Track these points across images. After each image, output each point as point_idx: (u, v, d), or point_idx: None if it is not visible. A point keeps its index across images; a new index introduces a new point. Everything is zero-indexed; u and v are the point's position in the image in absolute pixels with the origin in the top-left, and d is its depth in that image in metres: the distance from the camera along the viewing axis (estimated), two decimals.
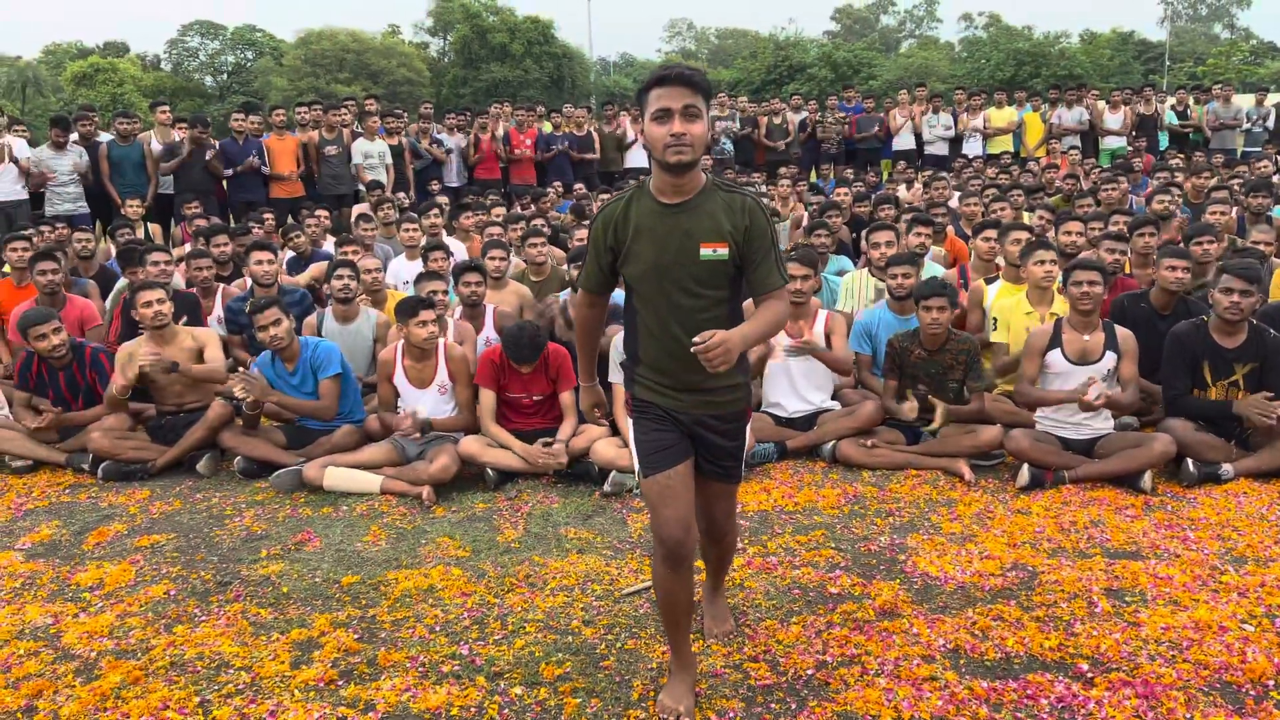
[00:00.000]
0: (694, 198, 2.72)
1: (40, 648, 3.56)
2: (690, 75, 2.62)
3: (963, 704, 2.97)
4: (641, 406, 2.93)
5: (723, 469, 3.01)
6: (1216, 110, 14.17)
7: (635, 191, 2.82)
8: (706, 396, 2.86)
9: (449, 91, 53.21)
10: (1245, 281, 4.60)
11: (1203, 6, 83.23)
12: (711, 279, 2.75)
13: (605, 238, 2.83)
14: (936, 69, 52.81)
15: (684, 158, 2.61)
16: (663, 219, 2.73)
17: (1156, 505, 4.46)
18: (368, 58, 56.80)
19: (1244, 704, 2.93)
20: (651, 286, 2.78)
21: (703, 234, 2.71)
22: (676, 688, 3.00)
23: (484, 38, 54.47)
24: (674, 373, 2.83)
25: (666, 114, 2.60)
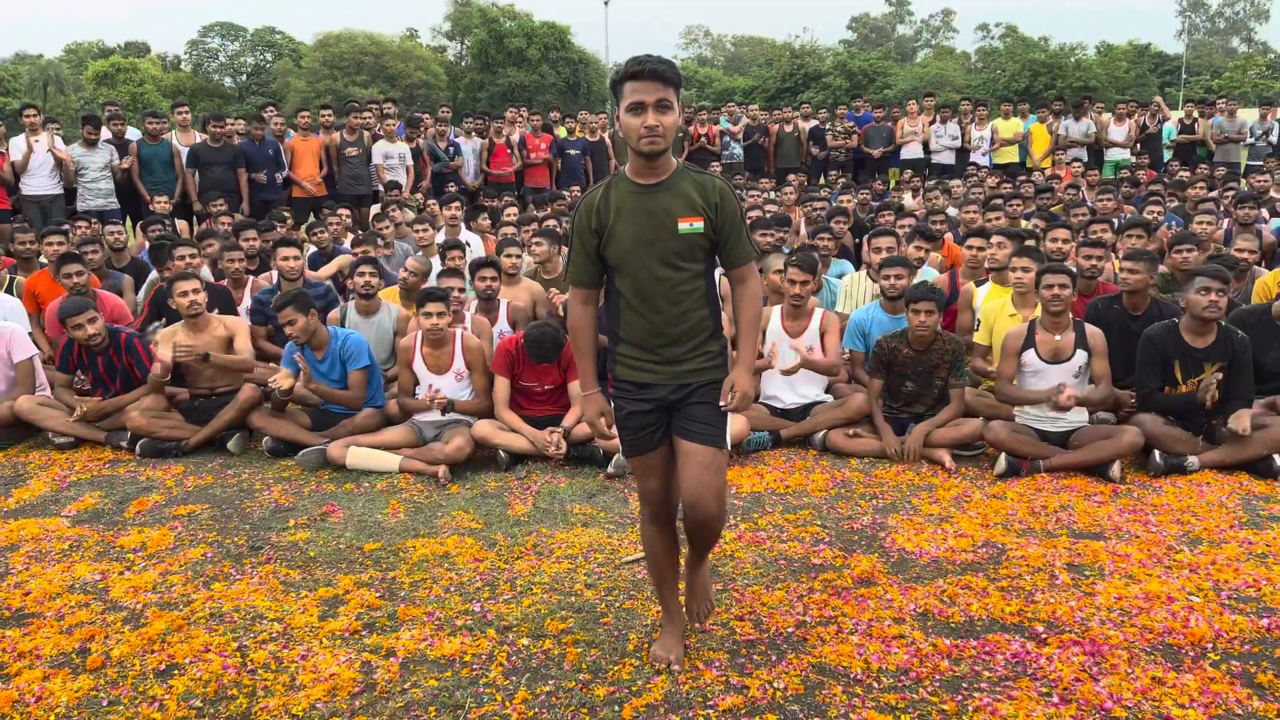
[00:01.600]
0: (669, 178, 2.92)
1: (90, 600, 3.91)
2: (662, 70, 2.79)
3: (926, 658, 3.29)
4: (622, 388, 3.10)
5: (704, 432, 3.04)
6: (1221, 124, 14.41)
7: (613, 179, 3.01)
8: (685, 366, 3.02)
9: (465, 95, 53.68)
10: (1222, 281, 4.89)
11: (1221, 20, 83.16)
12: (689, 252, 2.95)
13: (590, 222, 2.99)
14: (952, 79, 53.07)
15: (657, 147, 2.82)
16: (641, 198, 2.92)
17: (1124, 492, 4.76)
18: (385, 61, 57.38)
19: (1182, 662, 3.23)
20: (634, 262, 2.95)
21: (680, 210, 2.91)
22: (667, 639, 3.31)
23: (501, 42, 54.94)
24: (655, 347, 3.00)
25: (640, 107, 2.79)
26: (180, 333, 5.80)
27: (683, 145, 14.05)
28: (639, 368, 3.04)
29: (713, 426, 3.04)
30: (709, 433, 3.03)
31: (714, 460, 3.04)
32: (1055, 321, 5.08)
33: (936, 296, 5.25)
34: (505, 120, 13.35)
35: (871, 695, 3.10)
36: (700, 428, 3.03)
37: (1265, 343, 5.32)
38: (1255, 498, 4.68)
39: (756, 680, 3.19)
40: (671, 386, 3.03)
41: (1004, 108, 14.78)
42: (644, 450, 3.12)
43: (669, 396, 3.04)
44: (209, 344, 5.80)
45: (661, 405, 3.06)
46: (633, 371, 3.06)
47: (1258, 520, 4.41)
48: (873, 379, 5.46)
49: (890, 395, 5.48)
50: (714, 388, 3.04)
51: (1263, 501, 4.63)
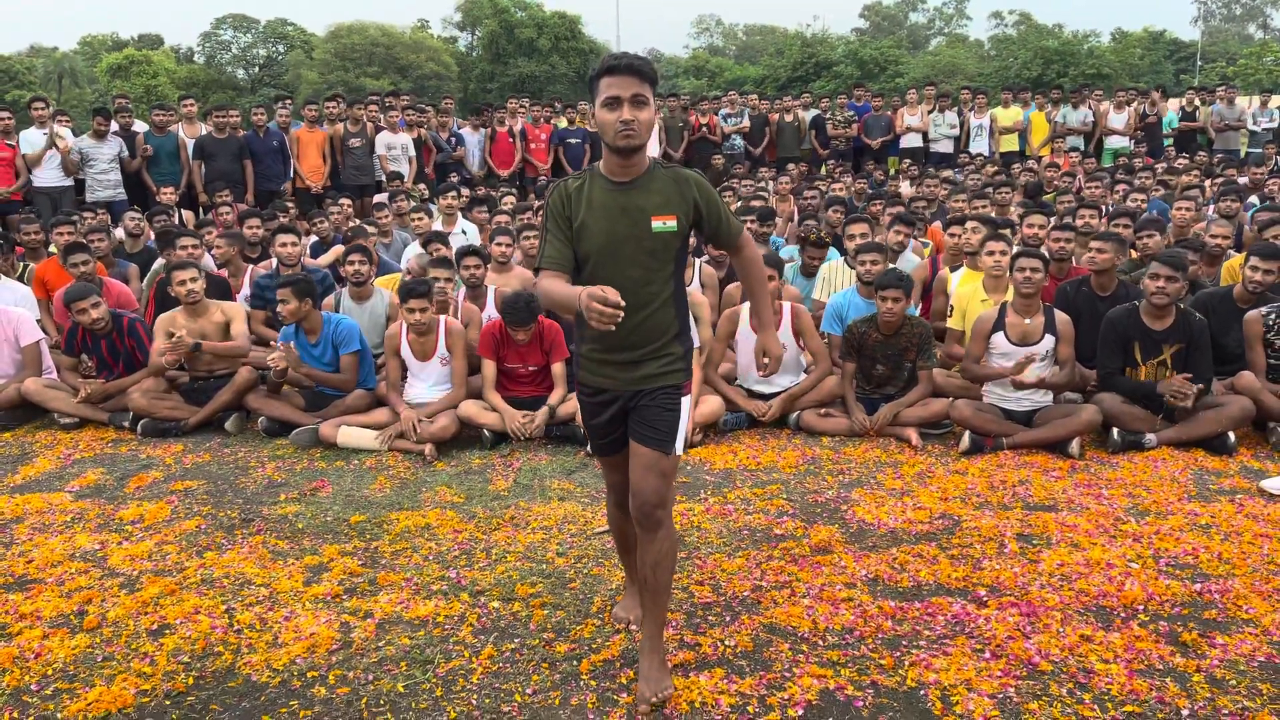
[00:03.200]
0: (642, 176, 2.89)
1: (89, 567, 4.14)
2: (638, 65, 2.77)
3: (871, 619, 3.48)
4: (584, 390, 3.10)
5: (654, 432, 2.96)
6: (1220, 111, 14.47)
7: (589, 174, 2.95)
8: (642, 371, 2.96)
9: (476, 86, 53.86)
10: (1172, 269, 5.05)
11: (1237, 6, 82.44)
12: (662, 251, 2.91)
13: (563, 208, 2.91)
14: (964, 67, 52.90)
15: (632, 142, 2.78)
16: (615, 196, 2.87)
17: (1081, 468, 4.94)
18: (397, 52, 57.59)
19: (1112, 623, 3.41)
20: (605, 261, 2.88)
21: (653, 208, 2.87)
22: (628, 600, 3.51)
23: (511, 33, 55.05)
24: (618, 350, 2.94)
25: (616, 102, 2.75)
26: (179, 318, 6.02)
27: (683, 135, 14.19)
28: (598, 372, 3.01)
29: (662, 431, 2.96)
30: (658, 437, 2.96)
31: (658, 463, 2.95)
32: (1026, 304, 5.24)
33: (905, 284, 5.42)
34: (506, 110, 13.53)
35: (816, 652, 3.29)
36: (650, 431, 2.96)
37: (1226, 325, 5.47)
38: (1208, 473, 4.84)
39: (709, 639, 3.38)
40: (629, 393, 2.99)
41: (1004, 96, 14.87)
42: (610, 453, 3.17)
43: (627, 404, 3.01)
44: (205, 329, 6.02)
45: (620, 412, 3.03)
46: (593, 376, 3.03)
47: (1206, 494, 4.57)
48: (845, 362, 5.64)
49: (862, 377, 5.66)
50: (671, 391, 2.98)
51: (1214, 476, 4.79)
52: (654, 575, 3.01)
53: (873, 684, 3.10)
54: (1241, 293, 5.61)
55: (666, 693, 3.03)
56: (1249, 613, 3.45)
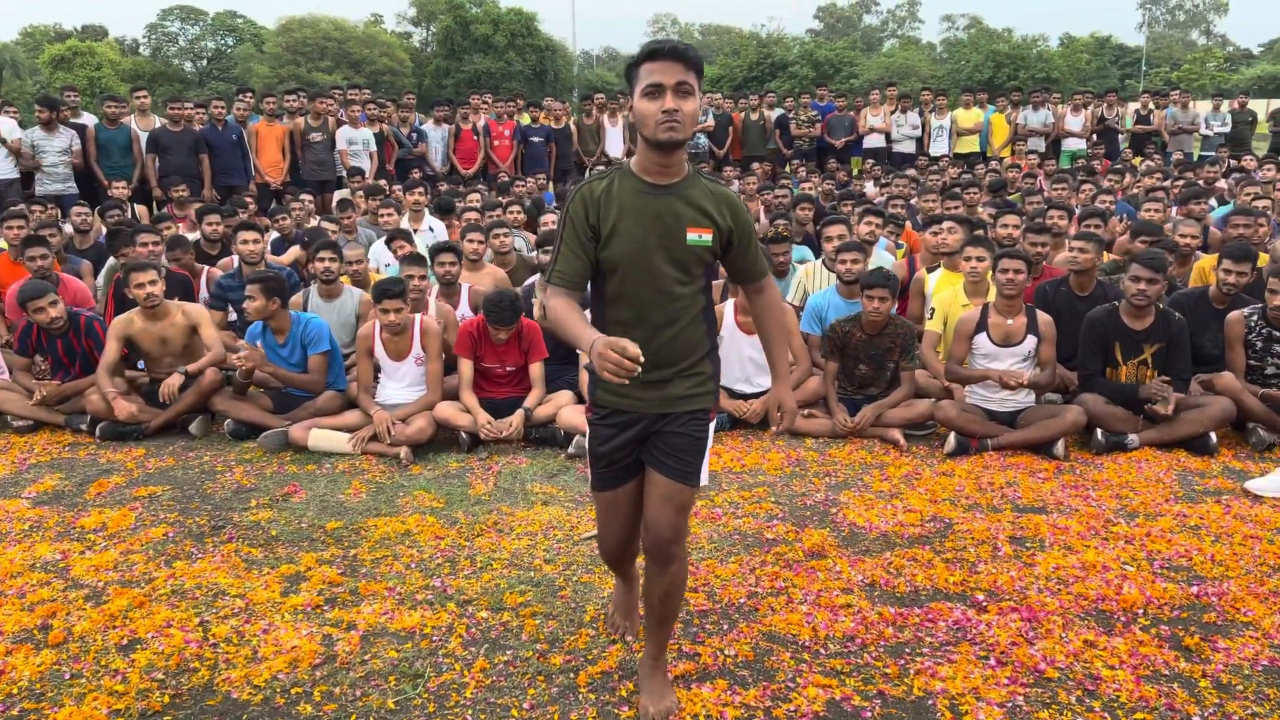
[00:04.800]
0: (680, 181, 2.65)
1: (51, 578, 3.94)
2: (684, 50, 2.52)
3: (872, 625, 3.41)
4: (599, 414, 2.81)
5: (678, 464, 2.75)
6: (1175, 115, 14.71)
7: (616, 173, 2.69)
8: (672, 391, 2.73)
9: (431, 82, 53.36)
10: (1152, 270, 5.06)
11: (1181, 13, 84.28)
12: (694, 265, 2.69)
13: (587, 216, 2.64)
14: (917, 69, 53.41)
15: (675, 135, 2.52)
16: (649, 199, 2.62)
17: (1066, 469, 4.93)
18: (350, 46, 56.86)
19: (1114, 627, 3.38)
20: (632, 269, 2.64)
21: (689, 218, 2.64)
22: (621, 606, 3.38)
23: (467, 29, 54.62)
24: (648, 366, 2.55)
25: (658, 90, 2.50)
26: (137, 319, 5.79)
27: None
28: (620, 392, 2.71)
29: (689, 460, 2.75)
30: (683, 467, 2.75)
31: (678, 495, 2.75)
32: (1009, 305, 5.22)
33: (891, 284, 5.38)
34: (470, 106, 13.35)
35: (818, 660, 3.21)
36: (674, 461, 2.74)
37: (1202, 325, 5.51)
38: (1191, 473, 4.86)
39: (708, 648, 3.30)
40: (653, 416, 2.75)
41: (964, 98, 14.98)
42: (613, 485, 2.86)
43: (649, 427, 2.76)
44: (166, 333, 5.78)
45: (639, 436, 2.78)
46: (614, 397, 2.75)
47: (1192, 494, 4.58)
48: (828, 361, 5.58)
49: (845, 377, 5.61)
50: (698, 416, 2.77)
51: (1198, 477, 4.81)
52: (663, 606, 2.88)
53: (879, 694, 3.03)
54: (1216, 294, 5.65)
55: (671, 707, 2.93)
56: (1248, 615, 3.44)
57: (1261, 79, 51.79)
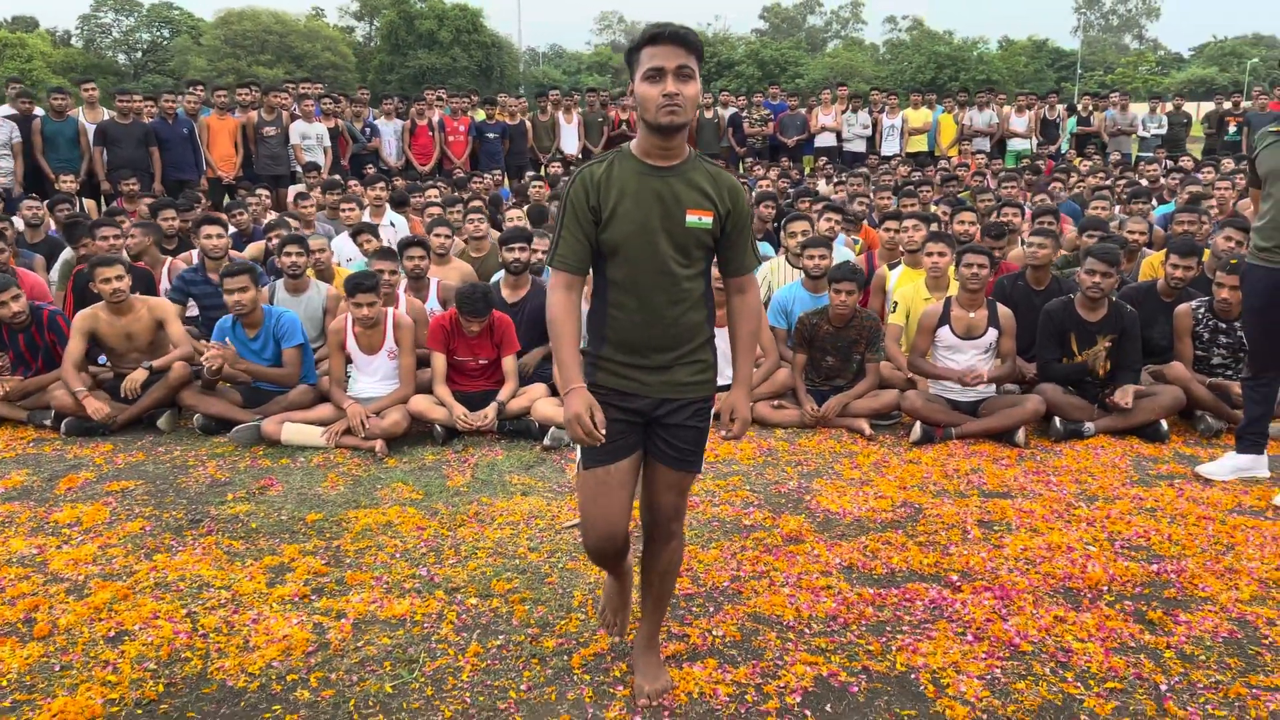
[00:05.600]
0: (681, 163, 2.66)
1: (29, 573, 3.90)
2: (685, 34, 2.54)
3: (853, 606, 3.53)
4: (596, 393, 2.72)
5: (681, 454, 2.81)
6: (1114, 117, 15.15)
7: (616, 155, 2.70)
8: (674, 376, 2.75)
9: (375, 77, 52.80)
10: (1106, 264, 5.27)
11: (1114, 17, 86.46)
12: (694, 247, 2.70)
13: (586, 197, 2.65)
14: (861, 70, 54.19)
15: (676, 118, 2.54)
16: (650, 180, 2.63)
17: (1028, 456, 5.11)
18: (291, 40, 56.09)
19: (1081, 603, 3.54)
20: (633, 251, 2.66)
21: (690, 200, 2.65)
22: (612, 602, 3.21)
23: (411, 24, 54.18)
24: (645, 350, 2.72)
25: (659, 73, 2.52)
26: (101, 314, 5.72)
27: (603, 130, 14.19)
28: (624, 375, 2.74)
29: (694, 450, 2.83)
30: (688, 458, 2.82)
31: (682, 482, 2.86)
32: (972, 299, 5.39)
33: (857, 277, 5.52)
34: (425, 102, 13.30)
35: (804, 640, 3.32)
36: (679, 454, 2.80)
37: (1151, 318, 5.73)
38: (1145, 459, 5.07)
39: (696, 629, 3.39)
40: (655, 400, 2.76)
41: (913, 98, 15.28)
42: (610, 460, 2.75)
43: (651, 411, 2.77)
44: (132, 328, 5.72)
45: (640, 417, 2.78)
46: (617, 379, 2.75)
47: (1147, 479, 4.79)
48: (796, 353, 5.71)
49: (812, 369, 5.74)
50: (703, 406, 2.82)
51: (1151, 462, 5.02)
52: (661, 582, 2.98)
53: (864, 669, 3.14)
54: (1164, 287, 5.88)
55: (665, 685, 3.02)
56: (1205, 591, 3.62)
57: (1192, 82, 53.47)
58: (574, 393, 2.63)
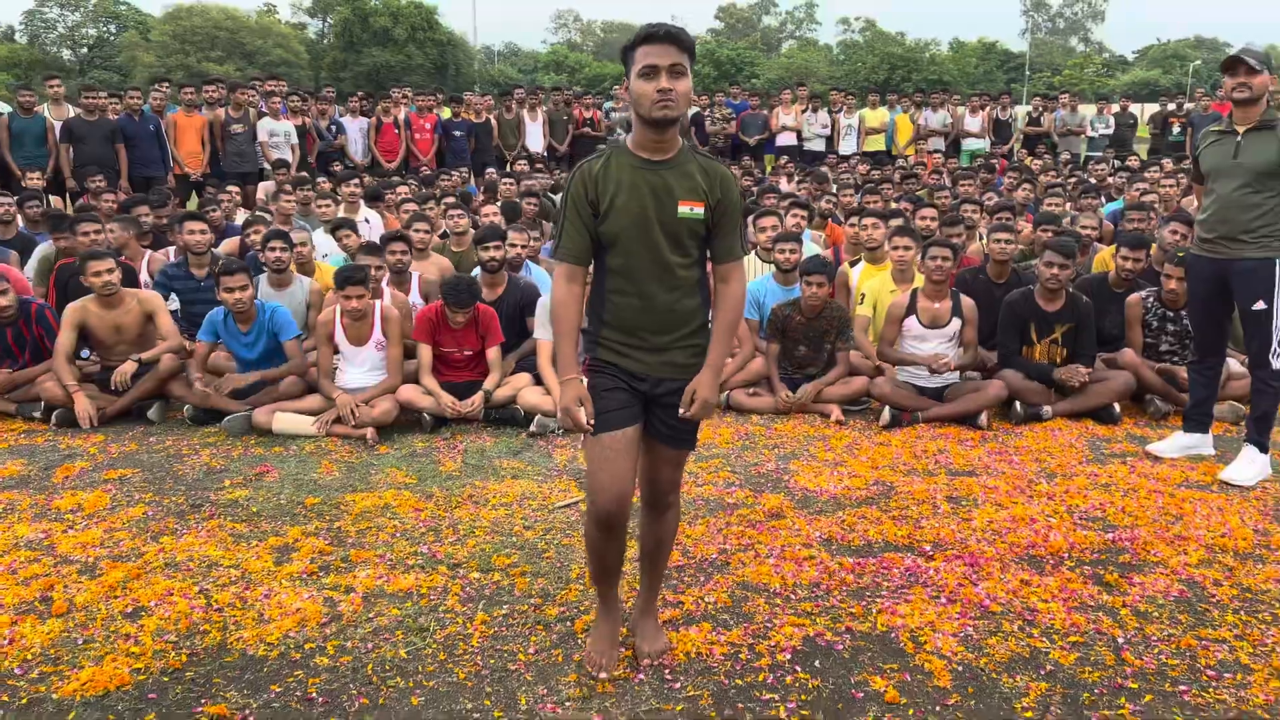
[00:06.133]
0: (674, 157, 2.80)
1: (39, 555, 4.02)
2: (677, 34, 2.68)
3: (834, 573, 3.77)
4: (599, 366, 2.92)
5: (677, 433, 2.98)
6: (1064, 118, 15.62)
7: (613, 151, 2.85)
8: (671, 358, 2.89)
9: (328, 75, 52.43)
10: (1063, 256, 5.58)
11: (1061, 20, 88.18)
12: (687, 237, 2.83)
13: (585, 192, 2.82)
14: (816, 70, 54.87)
15: (669, 113, 2.68)
16: (644, 174, 2.78)
17: (990, 438, 5.40)
18: (242, 36, 55.50)
19: (1044, 568, 3.82)
20: (630, 241, 2.81)
21: (682, 192, 2.79)
22: (600, 642, 3.15)
23: (365, 21, 53.88)
24: (643, 334, 2.87)
25: (654, 71, 2.66)
26: (91, 307, 5.81)
27: (567, 129, 14.37)
28: (624, 354, 2.90)
29: (690, 429, 3.01)
30: (684, 437, 3.02)
31: (680, 457, 3.07)
32: (936, 290, 5.68)
33: (828, 269, 5.79)
34: (391, 100, 13.39)
35: (790, 604, 3.56)
36: (677, 431, 2.98)
37: (1103, 309, 6.05)
38: (1099, 439, 5.39)
39: (689, 597, 3.61)
40: (654, 379, 2.90)
41: (870, 99, 15.64)
42: (615, 426, 2.87)
43: (650, 390, 2.92)
44: (122, 321, 5.83)
45: (641, 388, 2.92)
46: (618, 356, 2.91)
47: (1101, 457, 5.10)
48: (770, 343, 5.96)
49: (785, 358, 5.99)
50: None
51: (1105, 442, 5.34)
52: (658, 549, 3.19)
53: (848, 630, 3.38)
54: (1115, 279, 6.21)
55: (664, 647, 3.24)
56: (1157, 556, 3.91)
57: (1136, 84, 54.83)
58: (568, 384, 2.85)
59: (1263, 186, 4.51)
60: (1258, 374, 4.72)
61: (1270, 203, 4.51)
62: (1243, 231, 4.58)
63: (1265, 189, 4.51)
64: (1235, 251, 4.62)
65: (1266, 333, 4.60)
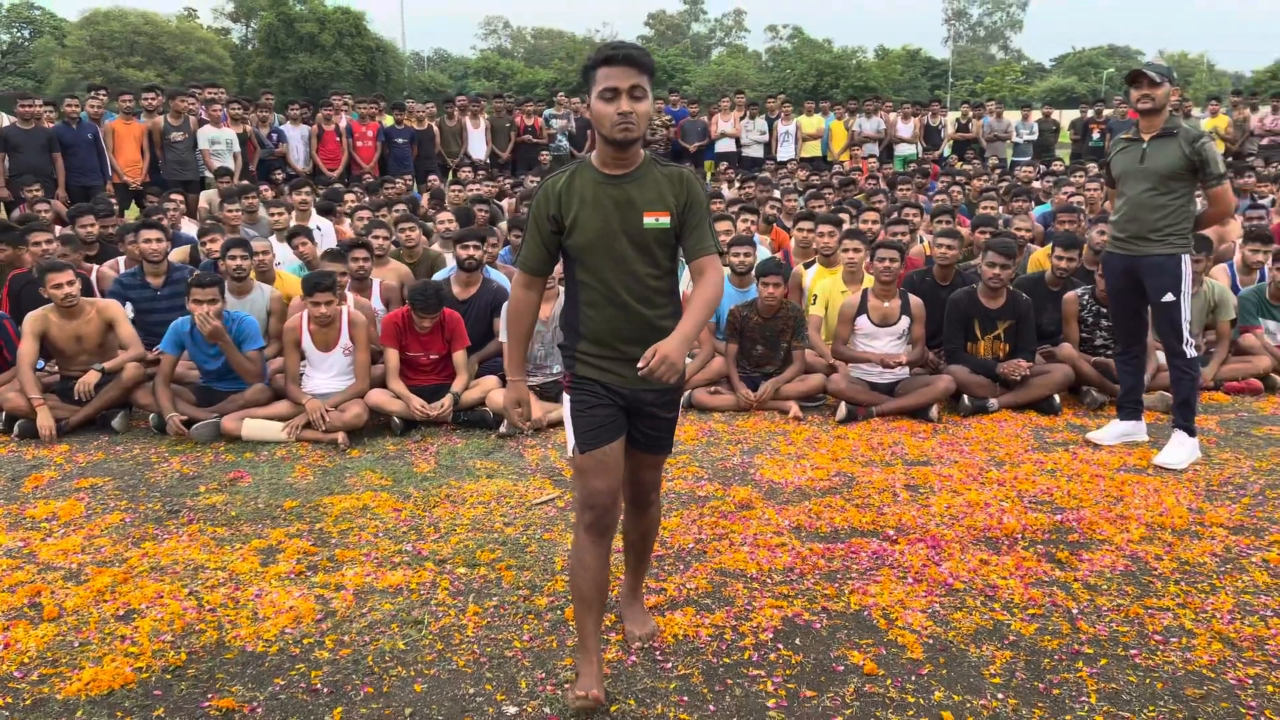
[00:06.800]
0: (635, 170, 2.84)
1: (21, 563, 4.04)
2: (637, 56, 2.71)
3: (806, 558, 3.98)
4: (579, 383, 2.95)
5: (656, 440, 3.07)
6: (991, 124, 16.18)
7: (578, 166, 2.90)
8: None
9: (254, 81, 51.49)
10: (1005, 256, 5.89)
11: (981, 29, 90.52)
12: (655, 248, 2.86)
13: (547, 208, 2.88)
14: (746, 77, 55.57)
15: (629, 135, 2.73)
16: (606, 189, 2.83)
17: (941, 429, 5.68)
18: (162, 42, 54.25)
19: (1000, 548, 4.07)
20: (598, 255, 2.85)
21: (645, 204, 2.82)
22: (585, 679, 2.98)
23: (291, 27, 53.06)
24: (617, 345, 2.89)
25: (614, 93, 2.69)
26: (52, 317, 5.78)
27: (509, 135, 14.47)
28: (601, 367, 2.93)
29: (667, 435, 3.11)
30: (663, 442, 3.12)
31: (660, 461, 3.18)
32: (885, 290, 5.94)
33: (783, 271, 6.02)
34: (333, 108, 13.35)
35: (767, 588, 3.75)
36: (654, 440, 3.08)
37: (1040, 306, 6.38)
38: (1042, 429, 5.69)
39: (671, 584, 3.78)
40: (632, 392, 2.94)
41: (806, 106, 16.02)
42: (601, 442, 2.91)
43: (631, 400, 2.96)
44: (82, 331, 5.81)
45: (621, 402, 2.96)
46: (594, 370, 2.94)
47: (1045, 445, 5.40)
48: (728, 344, 6.17)
49: (743, 358, 6.20)
50: (673, 393, 3.07)
51: (1047, 431, 5.64)
52: (643, 541, 3.34)
53: (824, 609, 3.58)
54: (1051, 278, 6.55)
55: (653, 630, 3.41)
56: (1102, 535, 4.19)
57: (1054, 90, 56.57)
58: (511, 384, 3.11)
59: (1167, 189, 4.90)
60: (1174, 362, 5.07)
61: (1174, 203, 4.90)
62: (1150, 230, 4.95)
63: (1169, 191, 4.90)
64: (1144, 249, 4.98)
65: (1177, 323, 4.95)
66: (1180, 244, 4.93)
